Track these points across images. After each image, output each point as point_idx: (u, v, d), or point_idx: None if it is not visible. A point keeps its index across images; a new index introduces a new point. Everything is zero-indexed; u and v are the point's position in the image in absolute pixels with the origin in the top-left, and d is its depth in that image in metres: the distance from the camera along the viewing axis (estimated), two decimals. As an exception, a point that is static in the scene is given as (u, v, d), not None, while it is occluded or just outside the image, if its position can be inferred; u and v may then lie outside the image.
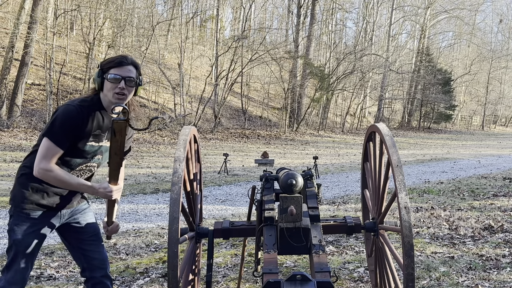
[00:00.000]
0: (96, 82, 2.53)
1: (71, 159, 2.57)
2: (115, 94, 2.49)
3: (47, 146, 2.45)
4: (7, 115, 18.02)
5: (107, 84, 2.50)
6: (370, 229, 3.29)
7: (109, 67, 2.51)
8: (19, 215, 2.54)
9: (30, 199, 2.54)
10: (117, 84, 2.49)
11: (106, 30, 23.35)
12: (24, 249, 2.53)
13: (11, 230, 2.54)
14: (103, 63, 2.55)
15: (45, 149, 2.45)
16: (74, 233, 2.75)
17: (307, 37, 30.56)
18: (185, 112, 23.54)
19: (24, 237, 2.53)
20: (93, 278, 2.74)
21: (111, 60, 2.55)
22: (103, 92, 2.54)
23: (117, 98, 2.50)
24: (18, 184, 2.58)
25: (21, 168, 2.62)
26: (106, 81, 2.50)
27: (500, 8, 64.06)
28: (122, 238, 5.88)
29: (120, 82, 2.49)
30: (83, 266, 2.75)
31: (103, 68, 2.52)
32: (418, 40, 42.66)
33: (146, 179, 11.02)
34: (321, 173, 12.75)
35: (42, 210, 2.57)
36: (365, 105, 37.45)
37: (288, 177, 2.93)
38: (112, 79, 2.48)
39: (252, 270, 4.31)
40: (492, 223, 6.32)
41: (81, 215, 2.78)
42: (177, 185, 2.63)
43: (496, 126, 51.59)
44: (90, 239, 2.77)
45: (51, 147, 2.44)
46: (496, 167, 14.59)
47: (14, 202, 2.56)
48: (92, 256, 2.74)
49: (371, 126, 3.38)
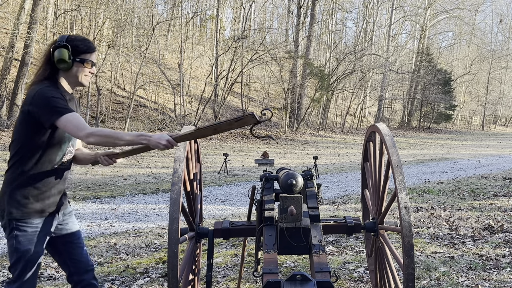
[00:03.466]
0: (66, 63, 2.51)
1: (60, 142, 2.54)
2: (85, 77, 2.60)
3: (72, 117, 2.40)
4: (7, 115, 18.03)
5: (79, 66, 2.56)
6: (370, 229, 3.29)
7: (80, 51, 2.55)
8: (22, 227, 2.48)
9: (32, 208, 2.49)
10: (89, 68, 2.60)
11: (106, 30, 23.35)
12: (34, 260, 2.52)
13: (17, 243, 2.48)
14: (72, 44, 2.53)
15: (74, 120, 2.40)
16: (62, 237, 2.71)
17: (307, 37, 30.55)
18: (185, 112, 23.54)
19: (32, 247, 2.50)
20: (82, 281, 2.73)
21: (82, 44, 2.57)
22: (66, 72, 2.55)
23: (87, 80, 2.63)
24: (13, 195, 2.48)
25: (12, 178, 2.51)
26: (78, 63, 2.55)
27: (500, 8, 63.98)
28: (122, 238, 5.88)
29: (92, 67, 2.61)
30: (70, 270, 2.73)
31: (73, 50, 2.53)
32: (418, 40, 42.66)
33: (146, 179, 11.02)
34: (321, 173, 12.75)
35: (44, 216, 2.55)
36: (365, 105, 37.45)
37: (288, 177, 2.93)
38: (88, 63, 2.58)
39: (252, 270, 4.30)
40: (492, 223, 6.32)
41: (69, 217, 2.77)
42: (177, 185, 2.63)
43: (496, 126, 51.59)
44: (76, 242, 2.76)
45: (74, 116, 2.42)
46: (496, 167, 14.58)
47: (13, 215, 2.48)
48: (79, 259, 2.73)
49: (371, 126, 3.39)
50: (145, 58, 22.73)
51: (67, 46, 2.51)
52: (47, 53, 2.56)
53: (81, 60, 2.55)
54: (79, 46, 2.55)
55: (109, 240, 5.76)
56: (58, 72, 2.55)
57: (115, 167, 12.39)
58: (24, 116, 2.47)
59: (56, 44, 2.52)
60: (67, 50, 2.50)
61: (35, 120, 2.44)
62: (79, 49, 2.55)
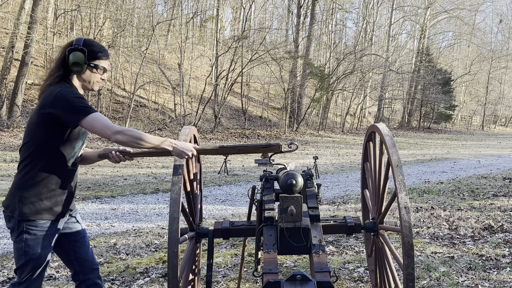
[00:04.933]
0: (80, 67, 2.54)
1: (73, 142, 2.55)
2: (97, 83, 2.65)
3: (97, 116, 2.43)
4: (7, 115, 18.02)
5: (92, 71, 2.59)
6: (370, 229, 3.29)
7: (95, 57, 2.59)
8: (32, 230, 2.47)
9: (44, 208, 2.48)
10: (101, 75, 2.65)
11: (106, 30, 23.34)
12: (42, 262, 2.52)
13: (26, 246, 2.46)
14: (89, 49, 2.56)
15: (101, 119, 2.44)
16: (68, 235, 2.71)
17: (307, 37, 30.55)
18: (185, 112, 23.54)
19: (41, 250, 2.50)
20: (87, 280, 2.74)
21: (98, 51, 2.61)
22: (79, 76, 2.58)
23: (98, 86, 2.67)
24: (27, 196, 2.46)
25: (25, 180, 2.49)
26: (91, 68, 2.59)
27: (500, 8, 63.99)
28: (122, 238, 5.88)
29: (104, 74, 2.66)
30: (75, 269, 2.73)
31: (89, 54, 2.56)
32: (418, 40, 42.65)
33: (146, 179, 11.02)
34: (321, 173, 12.75)
35: (55, 216, 2.54)
36: (365, 105, 37.43)
37: (288, 177, 2.93)
38: (101, 69, 2.63)
39: (252, 270, 4.31)
40: (492, 223, 6.32)
41: (75, 216, 2.77)
42: (177, 185, 2.63)
43: (496, 126, 51.59)
44: (82, 241, 2.77)
45: (100, 115, 2.46)
46: (496, 167, 14.58)
47: (25, 215, 2.45)
48: (84, 258, 2.74)
49: (371, 126, 3.39)
50: (145, 58, 22.72)
51: (84, 50, 2.53)
52: (62, 55, 2.57)
53: (95, 65, 2.59)
54: (95, 52, 2.59)
55: (109, 240, 5.76)
56: (70, 74, 2.57)
57: (115, 167, 12.39)
58: (43, 118, 2.46)
59: (73, 47, 2.54)
60: (83, 54, 2.53)
61: (56, 122, 2.44)
62: (94, 55, 2.58)
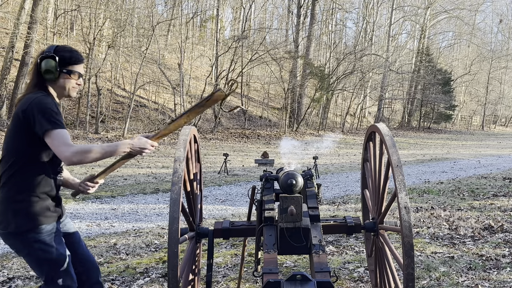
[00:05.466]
0: (52, 74, 2.50)
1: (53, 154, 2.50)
2: (73, 88, 2.60)
3: (62, 133, 2.38)
4: (7, 115, 18.02)
5: (66, 77, 2.54)
6: (370, 229, 3.29)
7: (68, 62, 2.53)
8: (37, 237, 2.45)
9: (40, 216, 2.46)
10: (76, 80, 2.59)
11: (106, 30, 23.34)
12: (64, 258, 2.53)
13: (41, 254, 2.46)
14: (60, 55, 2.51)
15: (63, 137, 2.37)
16: (67, 236, 2.71)
17: (307, 37, 30.54)
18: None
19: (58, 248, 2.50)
20: (90, 280, 2.75)
21: (70, 56, 2.55)
22: (53, 83, 2.53)
23: (75, 92, 2.62)
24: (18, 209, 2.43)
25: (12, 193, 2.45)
26: (65, 74, 2.53)
27: (500, 8, 64.05)
28: (122, 238, 5.88)
29: (79, 79, 2.61)
30: (78, 270, 2.73)
31: (60, 60, 2.51)
32: (418, 40, 42.65)
33: (146, 179, 11.02)
34: (321, 173, 12.75)
35: (53, 220, 2.54)
36: (365, 105, 37.44)
37: (288, 177, 2.93)
38: (75, 75, 2.57)
39: (252, 270, 4.30)
40: (492, 223, 6.32)
41: (65, 218, 2.76)
42: (177, 185, 2.63)
43: (496, 126, 51.59)
44: (79, 242, 2.77)
45: (64, 132, 2.40)
46: (496, 167, 14.58)
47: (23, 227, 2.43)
48: (86, 258, 2.75)
49: (371, 126, 3.38)
50: (145, 58, 22.71)
51: (54, 57, 2.49)
52: (35, 64, 2.53)
53: (68, 71, 2.53)
54: (66, 57, 2.53)
55: (109, 240, 5.76)
56: (45, 83, 2.52)
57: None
58: (20, 125, 2.42)
59: (44, 54, 2.50)
60: (54, 61, 2.48)
61: (30, 127, 2.40)
62: (66, 60, 2.52)
